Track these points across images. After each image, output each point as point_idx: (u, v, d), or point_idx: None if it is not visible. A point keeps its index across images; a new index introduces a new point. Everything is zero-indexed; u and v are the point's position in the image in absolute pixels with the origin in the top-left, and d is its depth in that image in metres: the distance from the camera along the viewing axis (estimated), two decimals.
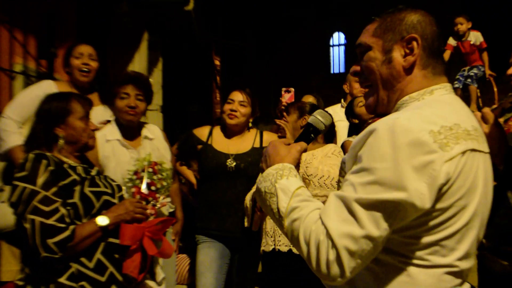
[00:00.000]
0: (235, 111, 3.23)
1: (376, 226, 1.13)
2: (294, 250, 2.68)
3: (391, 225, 1.14)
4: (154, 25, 6.48)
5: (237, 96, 3.28)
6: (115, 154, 2.77)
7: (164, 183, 2.52)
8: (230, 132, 3.31)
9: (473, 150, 1.21)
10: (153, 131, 3.00)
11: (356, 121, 3.56)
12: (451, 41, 6.66)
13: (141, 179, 2.48)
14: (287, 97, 3.68)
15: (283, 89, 3.72)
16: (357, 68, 1.41)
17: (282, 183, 1.29)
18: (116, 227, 2.22)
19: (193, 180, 3.54)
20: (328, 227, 1.14)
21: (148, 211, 2.46)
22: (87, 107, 2.31)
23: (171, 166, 2.93)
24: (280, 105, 3.64)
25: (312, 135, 1.53)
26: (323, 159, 2.84)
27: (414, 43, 1.30)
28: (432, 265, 1.20)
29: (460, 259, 1.22)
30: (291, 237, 1.23)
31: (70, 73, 3.13)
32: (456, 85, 6.73)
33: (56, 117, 2.24)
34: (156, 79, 6.97)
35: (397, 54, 1.32)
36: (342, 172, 1.36)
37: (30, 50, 4.00)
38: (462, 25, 6.53)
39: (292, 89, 3.71)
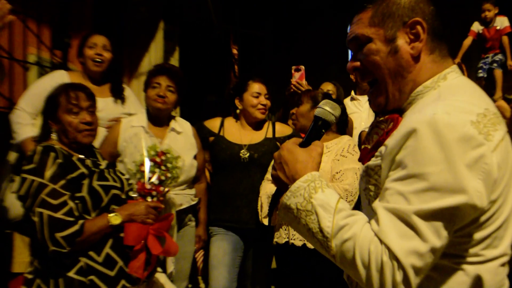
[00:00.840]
0: (265, 105, 3.18)
1: (438, 236, 1.05)
2: (309, 245, 2.61)
3: (451, 232, 1.07)
4: (171, 14, 6.43)
5: (262, 89, 3.19)
6: (135, 139, 2.76)
7: (169, 175, 2.46)
8: (250, 124, 3.23)
9: (507, 132, 1.15)
10: (182, 125, 3.00)
11: None
12: (475, 27, 6.48)
13: (142, 173, 2.42)
14: (297, 75, 3.46)
15: (293, 67, 3.48)
16: (356, 63, 1.28)
17: (319, 198, 1.15)
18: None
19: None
20: (390, 247, 1.04)
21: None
22: (76, 99, 2.20)
23: (193, 165, 2.91)
24: (290, 85, 3.48)
25: (323, 130, 1.33)
26: (338, 157, 2.74)
27: (419, 28, 1.20)
28: (488, 259, 1.14)
29: (509, 245, 1.17)
30: (342, 259, 1.10)
31: (83, 63, 3.11)
32: (481, 74, 6.53)
33: (47, 110, 2.21)
34: None
35: (402, 42, 1.21)
36: (371, 179, 1.21)
37: (44, 40, 3.99)
38: (490, 11, 6.35)
39: (303, 67, 3.46)
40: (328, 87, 4.11)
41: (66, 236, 1.98)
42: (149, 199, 2.39)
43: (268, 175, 2.96)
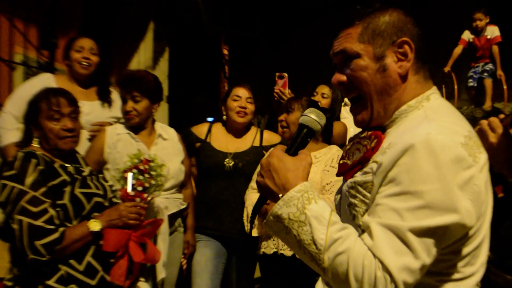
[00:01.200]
0: (245, 108, 3.13)
1: (428, 254, 1.07)
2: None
3: (439, 250, 1.09)
4: (161, 15, 6.40)
5: (243, 93, 3.16)
6: (122, 146, 2.73)
7: (153, 182, 2.44)
8: (234, 130, 3.21)
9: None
10: (167, 131, 2.96)
11: None
12: (465, 36, 6.50)
13: (125, 179, 2.40)
14: (280, 83, 3.37)
15: (277, 74, 3.41)
16: (343, 78, 1.27)
17: (312, 209, 1.13)
18: None
19: None
20: (384, 262, 1.05)
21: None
22: (57, 105, 2.15)
23: (181, 170, 2.89)
24: (273, 93, 3.40)
25: (308, 138, 1.29)
26: (328, 167, 2.73)
27: (407, 47, 1.22)
28: (466, 276, 1.16)
29: (483, 263, 1.19)
30: (334, 273, 1.09)
31: (70, 66, 3.06)
32: (471, 84, 6.54)
33: (29, 115, 2.17)
34: (162, 69, 6.92)
35: (391, 61, 1.22)
36: (359, 195, 1.20)
37: (31, 39, 3.94)
38: (481, 21, 6.35)
39: (286, 74, 3.38)
40: (323, 90, 4.06)
41: (45, 244, 1.96)
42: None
43: (253, 184, 2.94)
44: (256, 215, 1.40)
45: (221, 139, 3.18)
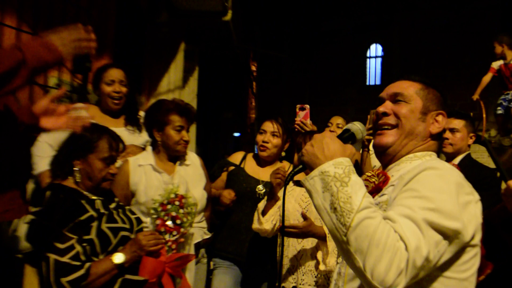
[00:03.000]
0: (267, 142, 3.20)
1: (432, 249, 1.21)
2: None
3: (439, 254, 1.23)
4: (191, 35, 6.48)
5: (269, 127, 3.23)
6: (146, 178, 2.74)
7: (189, 217, 2.51)
8: (262, 161, 3.29)
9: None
10: (190, 157, 2.97)
11: None
12: (495, 64, 6.40)
13: (166, 211, 2.46)
14: (302, 115, 3.39)
15: (298, 106, 3.43)
16: (389, 110, 1.55)
17: (355, 178, 1.30)
18: (133, 263, 2.18)
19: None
20: (404, 239, 1.19)
21: (170, 244, 2.45)
22: (116, 150, 2.26)
23: (204, 196, 2.90)
24: (294, 124, 3.42)
25: (350, 141, 1.53)
26: None
27: (441, 117, 1.56)
28: None
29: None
30: (358, 234, 1.20)
31: (100, 96, 3.13)
32: (499, 112, 6.46)
33: (78, 149, 2.21)
34: (191, 88, 6.98)
35: (429, 119, 1.55)
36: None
37: (65, 63, 4.02)
38: (495, 48, 6.38)
39: (307, 106, 3.41)
40: (338, 120, 4.09)
41: (71, 281, 1.98)
42: (166, 237, 2.45)
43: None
44: (291, 178, 1.55)
45: (254, 167, 3.26)
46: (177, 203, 2.50)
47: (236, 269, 3.15)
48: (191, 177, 2.88)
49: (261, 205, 2.86)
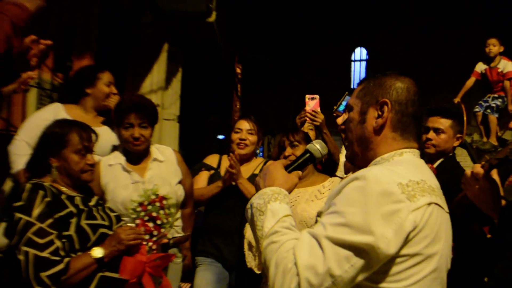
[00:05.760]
0: (244, 139, 3.26)
1: (338, 265, 1.19)
2: None
3: (354, 268, 1.20)
4: (175, 36, 6.48)
5: (244, 125, 3.30)
6: (115, 178, 2.74)
7: (170, 219, 2.51)
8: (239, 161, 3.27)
9: (437, 204, 1.31)
10: (164, 152, 2.95)
11: None
12: (479, 68, 6.49)
13: (146, 211, 2.45)
14: (312, 104, 3.29)
15: (307, 96, 3.34)
16: (342, 126, 1.61)
17: (274, 205, 1.38)
18: (112, 259, 2.17)
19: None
20: (296, 257, 1.22)
21: (150, 244, 2.44)
22: (88, 141, 2.25)
23: (178, 192, 2.88)
24: (303, 113, 3.33)
25: (308, 162, 1.59)
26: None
27: (385, 107, 1.42)
28: None
29: None
30: (265, 258, 1.30)
31: (89, 95, 3.08)
32: (477, 110, 6.60)
33: (51, 147, 2.21)
34: (174, 89, 6.99)
35: (370, 116, 1.44)
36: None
37: (46, 61, 3.99)
38: (495, 46, 6.37)
39: (317, 96, 3.32)
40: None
41: (51, 275, 1.97)
42: (146, 237, 2.43)
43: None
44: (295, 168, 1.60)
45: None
46: (157, 204, 2.50)
47: (218, 266, 3.15)
48: (165, 173, 2.86)
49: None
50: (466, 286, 2.31)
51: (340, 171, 3.44)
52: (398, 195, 1.23)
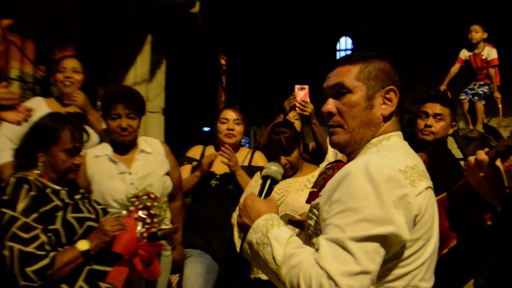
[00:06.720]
0: (232, 129, 3.25)
1: (370, 260, 1.17)
2: None
3: (382, 258, 1.20)
4: (159, 27, 6.41)
5: (231, 115, 3.28)
6: (101, 169, 2.73)
7: (163, 213, 2.52)
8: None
9: (431, 187, 1.33)
10: (153, 145, 2.93)
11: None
12: (463, 54, 6.45)
13: (140, 202, 2.48)
14: (301, 94, 3.30)
15: (297, 86, 3.34)
16: (333, 109, 1.42)
17: (274, 232, 1.31)
18: (100, 252, 2.15)
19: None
20: (327, 270, 1.16)
21: (143, 231, 2.45)
22: (79, 142, 2.21)
23: (165, 184, 2.86)
24: (291, 98, 3.32)
25: (273, 186, 1.52)
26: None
27: (393, 94, 1.40)
28: None
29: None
30: (290, 284, 1.22)
31: (55, 87, 3.10)
32: (462, 97, 6.55)
33: (41, 141, 2.16)
34: (159, 81, 6.92)
35: (377, 102, 1.39)
36: (313, 216, 1.37)
37: (28, 54, 3.93)
38: (477, 33, 6.23)
39: (307, 86, 3.33)
40: (293, 113, 3.97)
41: (36, 270, 1.95)
42: (139, 226, 2.43)
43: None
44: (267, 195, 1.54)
45: (216, 159, 3.21)
46: (152, 196, 2.53)
47: (208, 257, 3.15)
48: (152, 165, 2.85)
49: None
50: (465, 273, 2.32)
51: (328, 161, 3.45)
52: (402, 181, 1.24)
